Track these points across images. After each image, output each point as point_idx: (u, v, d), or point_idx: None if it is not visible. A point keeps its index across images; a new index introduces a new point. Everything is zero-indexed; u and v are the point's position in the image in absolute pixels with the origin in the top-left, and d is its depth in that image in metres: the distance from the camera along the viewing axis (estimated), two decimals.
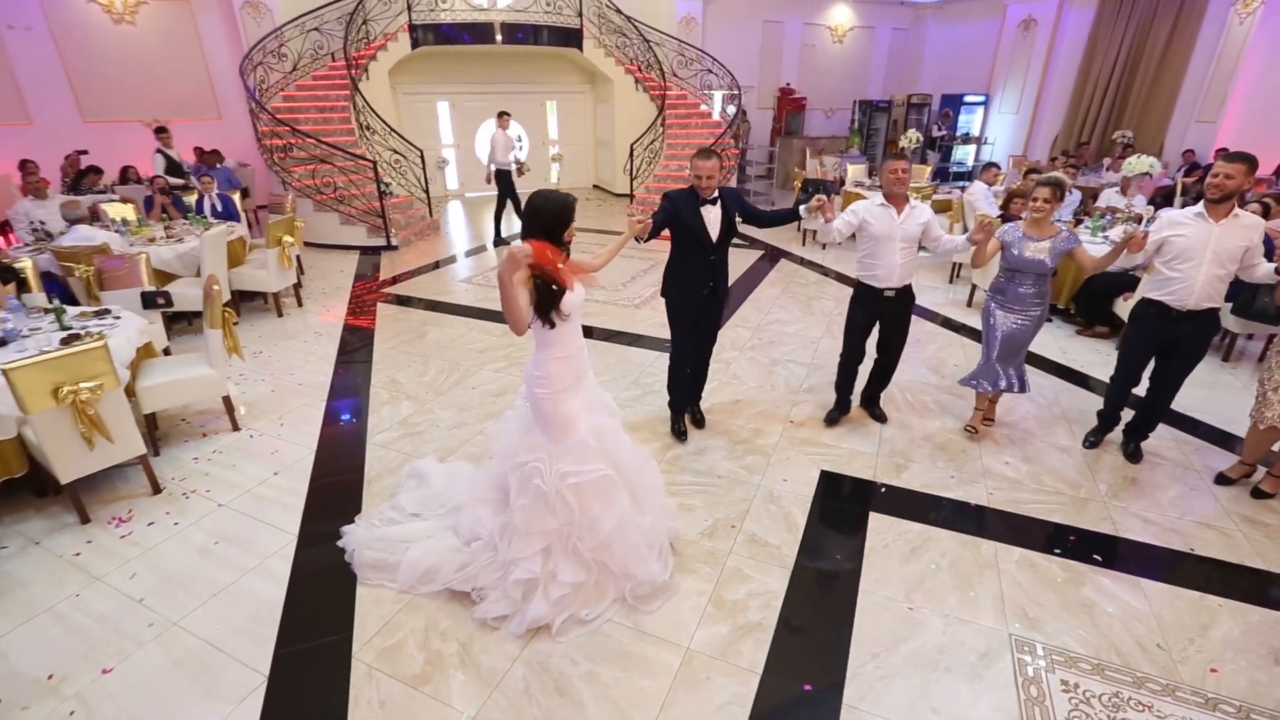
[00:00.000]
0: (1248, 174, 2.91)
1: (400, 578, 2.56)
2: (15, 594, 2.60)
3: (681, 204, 3.18)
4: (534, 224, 2.22)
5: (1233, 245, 2.98)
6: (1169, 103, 10.66)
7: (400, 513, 2.90)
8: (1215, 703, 2.14)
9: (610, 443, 2.46)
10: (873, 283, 3.49)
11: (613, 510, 2.40)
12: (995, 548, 2.87)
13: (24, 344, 3.23)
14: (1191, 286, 3.06)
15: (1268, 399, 3.11)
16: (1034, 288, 3.41)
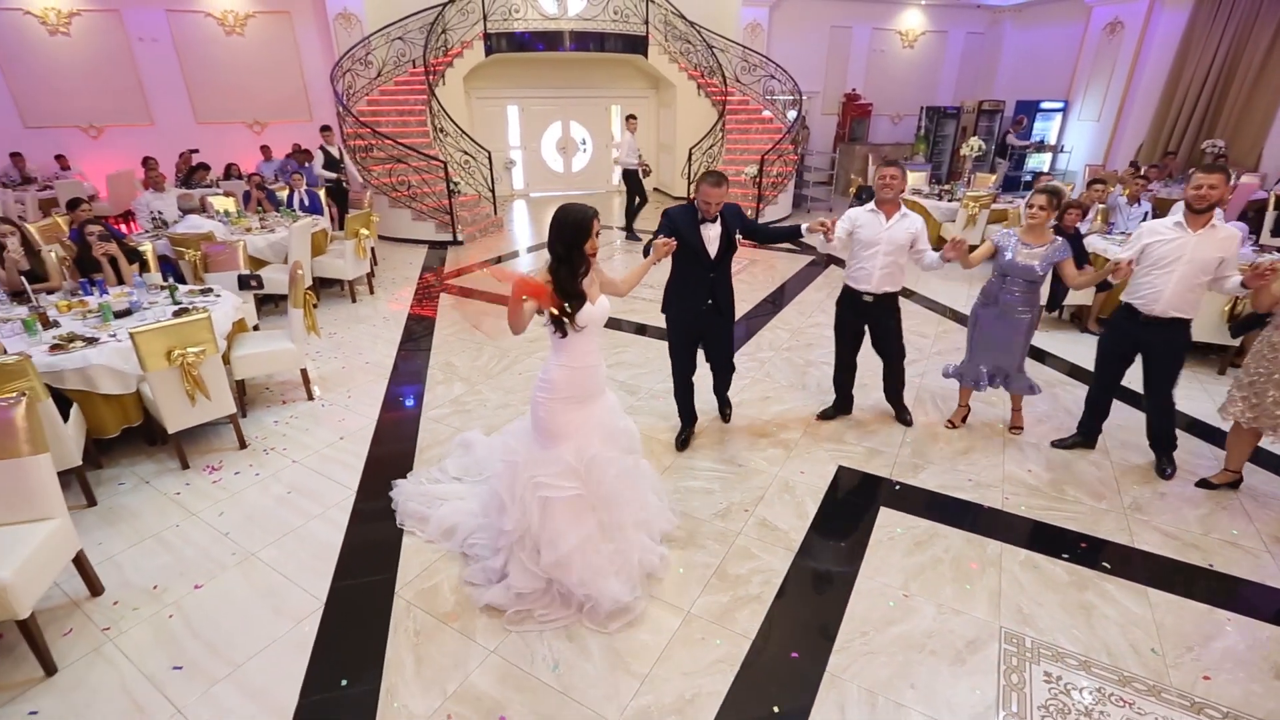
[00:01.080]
0: (1227, 185, 2.95)
1: (429, 530, 2.92)
2: (129, 521, 3.10)
3: (681, 221, 3.19)
4: (557, 235, 2.30)
5: (1208, 256, 3.00)
6: (1269, 112, 9.94)
7: (445, 475, 3.27)
8: (1201, 707, 2.18)
9: (596, 474, 2.44)
10: (854, 285, 3.59)
11: (578, 530, 2.42)
12: (1001, 548, 2.94)
13: (144, 315, 3.80)
14: (1161, 292, 3.11)
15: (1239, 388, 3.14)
16: (1022, 293, 3.45)
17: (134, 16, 10.02)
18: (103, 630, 2.47)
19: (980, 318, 3.66)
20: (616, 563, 2.51)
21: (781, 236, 3.54)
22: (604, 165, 13.29)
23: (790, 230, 3.47)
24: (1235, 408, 3.14)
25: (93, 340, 3.40)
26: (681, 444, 3.70)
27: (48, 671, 2.27)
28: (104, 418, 3.42)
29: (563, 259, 2.29)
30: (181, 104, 10.74)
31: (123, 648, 2.39)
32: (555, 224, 2.30)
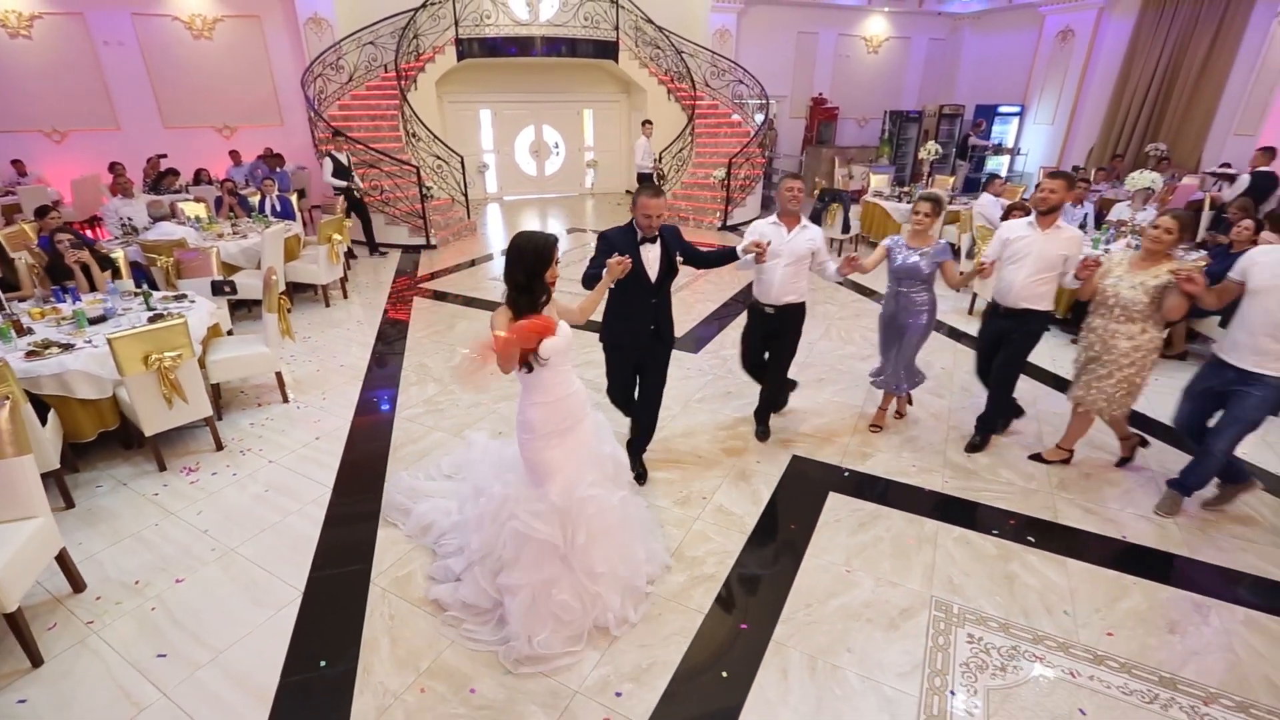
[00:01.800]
0: (1067, 189, 3.30)
1: (408, 524, 3.05)
2: (108, 521, 3.20)
3: (619, 243, 2.95)
4: (515, 266, 2.22)
5: (1053, 254, 3.33)
6: (1208, 115, 10.50)
7: (438, 471, 3.40)
8: (1102, 659, 2.43)
9: (576, 515, 2.39)
10: (757, 296, 3.63)
11: (536, 573, 2.37)
12: (938, 527, 3.18)
13: (119, 321, 3.88)
14: (1012, 285, 3.43)
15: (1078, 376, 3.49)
16: (918, 295, 3.66)
17: (98, 20, 9.92)
18: (87, 624, 2.58)
19: (883, 323, 3.86)
20: (568, 614, 2.39)
21: (719, 261, 3.40)
22: (577, 169, 13.46)
23: (726, 253, 3.38)
24: (1074, 392, 3.51)
25: (69, 346, 3.49)
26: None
27: (34, 663, 2.38)
28: (81, 422, 3.50)
29: (523, 288, 2.24)
30: (148, 108, 10.65)
31: (107, 639, 2.51)
32: (515, 252, 2.23)
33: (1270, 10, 9.43)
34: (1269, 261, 2.84)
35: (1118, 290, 3.19)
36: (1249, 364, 2.91)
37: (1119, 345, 3.22)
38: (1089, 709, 2.24)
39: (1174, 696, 2.29)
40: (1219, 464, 3.14)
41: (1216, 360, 3.07)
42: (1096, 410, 3.41)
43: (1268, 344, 2.84)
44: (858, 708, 2.23)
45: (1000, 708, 2.24)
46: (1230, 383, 3.00)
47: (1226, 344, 3.02)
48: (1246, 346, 2.91)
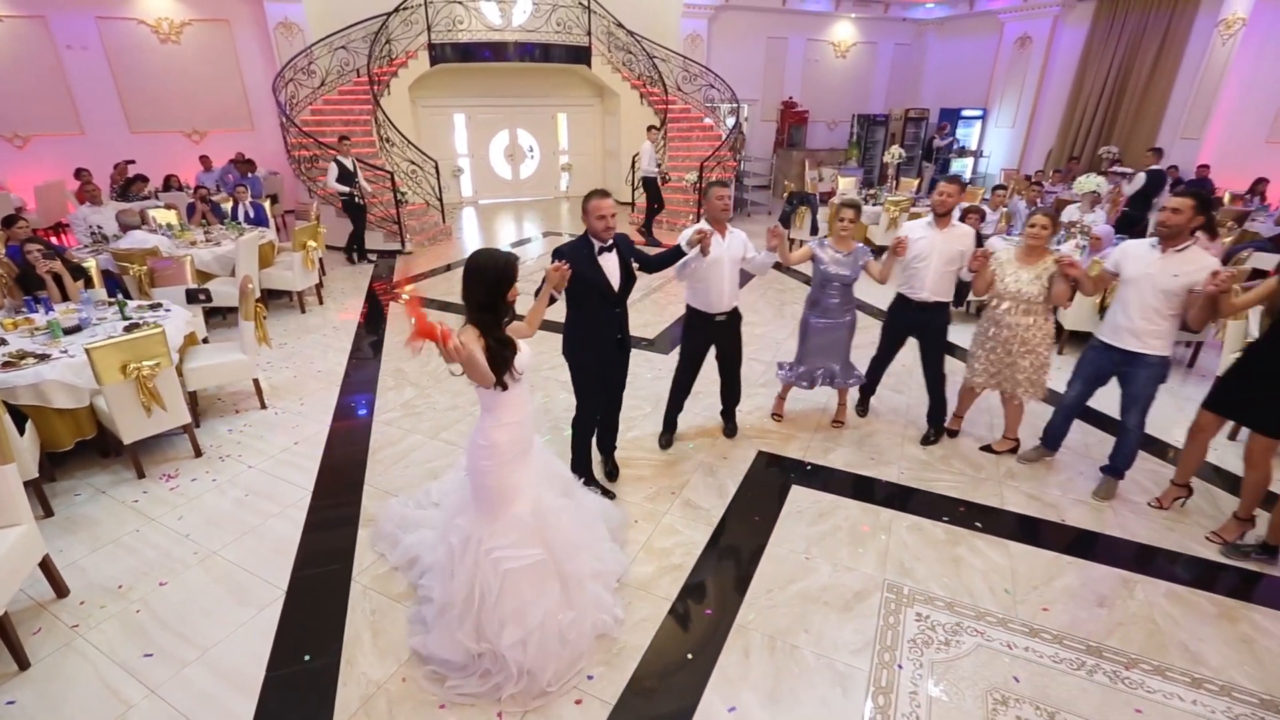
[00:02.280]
0: (960, 193, 3.67)
1: (395, 555, 2.95)
2: (89, 529, 3.25)
3: (576, 257, 2.88)
4: (476, 286, 2.17)
5: (952, 250, 3.66)
6: (1156, 119, 10.99)
7: (428, 498, 3.26)
8: (1036, 632, 2.65)
9: (550, 523, 2.39)
10: (705, 308, 3.64)
11: (543, 601, 2.32)
12: (892, 515, 3.39)
13: (94, 330, 3.92)
14: (925, 281, 3.74)
15: (972, 363, 3.84)
16: (840, 297, 3.85)
17: (61, 23, 9.76)
18: (71, 628, 2.65)
19: (810, 325, 3.96)
20: (571, 634, 2.38)
21: (668, 260, 3.36)
22: (552, 172, 13.55)
23: (673, 251, 3.35)
24: (974, 375, 3.84)
25: (45, 357, 3.52)
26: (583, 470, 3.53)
27: (21, 666, 2.44)
28: (58, 431, 3.54)
29: (486, 307, 2.20)
30: (114, 112, 10.49)
31: (93, 641, 2.58)
32: (475, 273, 2.18)
33: (1210, 21, 9.91)
34: (1138, 254, 3.19)
35: (1019, 286, 3.52)
36: (1130, 345, 3.23)
37: (1031, 335, 3.56)
38: (1022, 677, 2.44)
39: (1099, 663, 2.51)
40: (1139, 440, 3.45)
41: (1100, 344, 3.39)
42: (1024, 394, 3.71)
43: (1144, 326, 3.17)
44: (813, 683, 2.41)
45: (943, 678, 2.43)
46: (1118, 365, 3.33)
47: (1107, 329, 3.35)
48: (1126, 330, 3.23)
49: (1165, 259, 3.09)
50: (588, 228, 3.03)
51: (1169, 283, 3.07)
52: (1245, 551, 3.07)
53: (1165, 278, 3.08)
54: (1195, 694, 2.39)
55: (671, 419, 4.02)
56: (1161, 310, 3.12)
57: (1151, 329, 3.17)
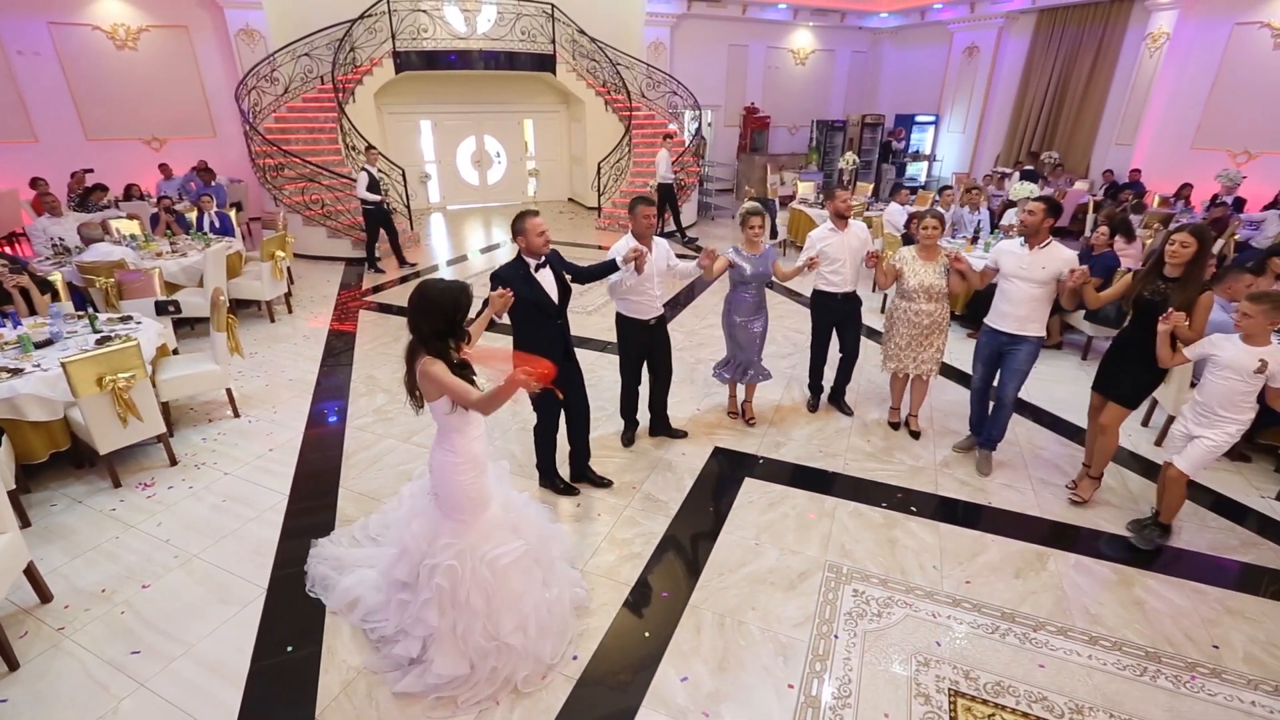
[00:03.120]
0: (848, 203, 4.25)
1: (333, 599, 2.84)
2: (68, 537, 3.35)
3: (512, 278, 3.05)
4: (428, 318, 2.19)
5: (856, 246, 4.24)
6: (1093, 126, 11.64)
7: (365, 533, 3.17)
8: (959, 602, 2.95)
9: (519, 516, 2.54)
10: (635, 315, 3.81)
11: (531, 588, 2.46)
12: (836, 503, 3.68)
13: (66, 344, 3.99)
14: (846, 277, 4.26)
15: (888, 351, 4.28)
16: (755, 296, 4.15)
17: (11, 28, 9.58)
18: (57, 630, 2.77)
19: (734, 324, 4.21)
20: (557, 608, 2.57)
21: (602, 272, 3.55)
22: (519, 177, 13.69)
23: (607, 264, 3.54)
24: (893, 362, 4.28)
25: (18, 371, 3.60)
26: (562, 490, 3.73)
27: (10, 667, 2.56)
28: (32, 444, 3.62)
29: (445, 334, 2.23)
30: (68, 119, 10.31)
31: (80, 642, 2.70)
32: (429, 305, 2.21)
33: (1139, 35, 10.57)
34: (1011, 251, 3.73)
35: (926, 279, 3.99)
36: (1011, 328, 3.74)
37: (936, 321, 4.08)
38: (944, 641, 2.74)
39: (1011, 627, 2.82)
40: (1010, 412, 3.93)
41: (989, 329, 3.89)
42: (927, 373, 4.23)
43: (1022, 311, 3.68)
44: (757, 653, 2.67)
45: (873, 645, 2.71)
46: (1004, 345, 3.81)
47: (994, 316, 3.85)
48: (1009, 316, 3.74)
49: (1033, 255, 3.61)
50: (525, 246, 3.13)
51: (1038, 274, 3.58)
52: (1144, 525, 3.44)
53: (1035, 270, 3.59)
54: (1091, 649, 2.72)
55: (630, 419, 4.27)
56: (1034, 298, 3.63)
57: (1027, 314, 3.68)
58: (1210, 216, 8.20)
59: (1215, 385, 3.09)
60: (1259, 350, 2.98)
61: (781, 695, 2.49)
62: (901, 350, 4.20)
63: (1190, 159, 10.18)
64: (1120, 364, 3.52)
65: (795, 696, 2.48)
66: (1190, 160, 10.16)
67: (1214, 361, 3.11)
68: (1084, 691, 2.52)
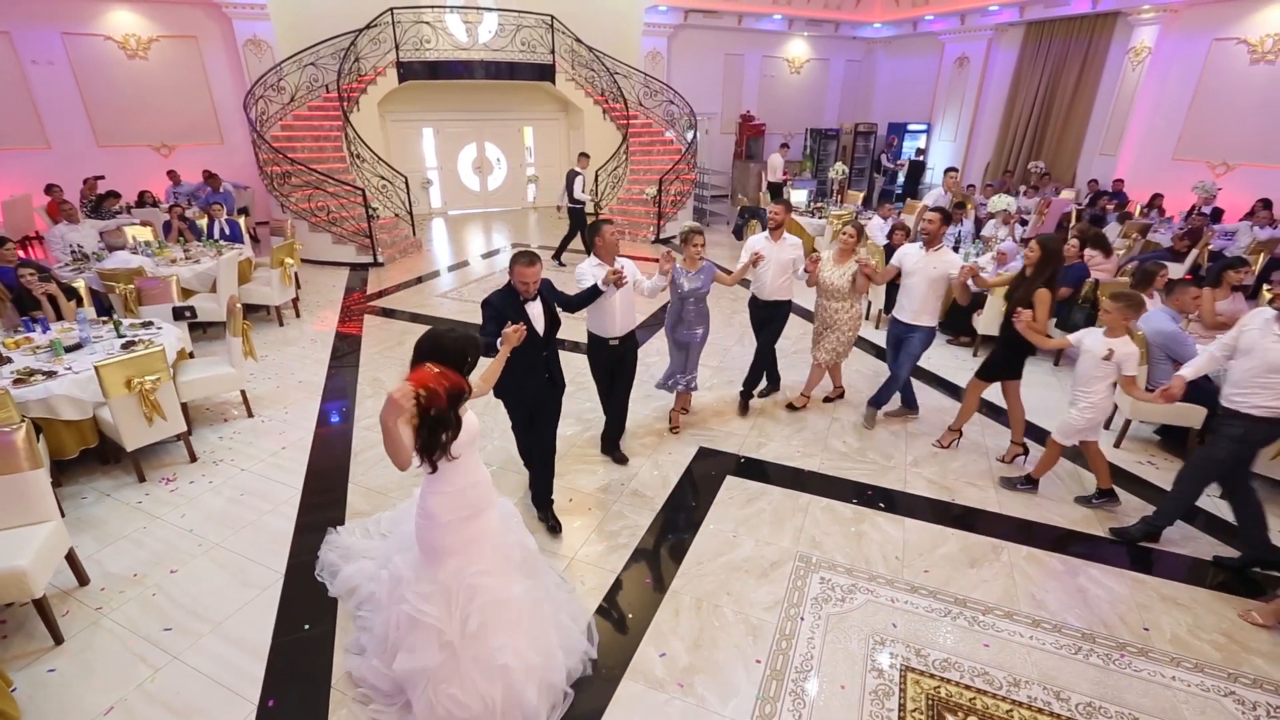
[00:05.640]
0: (786, 213, 4.63)
1: (335, 585, 3.08)
2: (99, 527, 3.63)
3: (505, 306, 3.15)
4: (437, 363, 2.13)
5: (784, 258, 4.56)
6: (1079, 137, 11.92)
7: (377, 528, 3.39)
8: (916, 589, 3.24)
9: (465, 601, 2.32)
10: (602, 333, 3.90)
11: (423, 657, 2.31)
12: (810, 499, 3.96)
13: (94, 348, 4.27)
14: (765, 284, 4.63)
15: (820, 344, 4.78)
16: (696, 310, 4.34)
17: (26, 39, 9.88)
18: (95, 609, 3.05)
19: (676, 336, 4.44)
20: (462, 712, 2.28)
21: (587, 299, 3.65)
22: (519, 183, 13.98)
23: (591, 291, 3.63)
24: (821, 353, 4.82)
25: (52, 373, 3.88)
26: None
27: (56, 641, 2.84)
28: (64, 441, 3.90)
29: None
30: (80, 127, 10.61)
31: (117, 620, 2.99)
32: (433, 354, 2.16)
33: (1122, 48, 10.86)
34: (912, 254, 4.37)
35: (830, 280, 4.55)
36: (909, 318, 4.43)
37: (840, 316, 4.63)
38: (900, 623, 3.02)
39: (962, 611, 3.10)
40: (898, 385, 4.70)
41: (893, 320, 4.58)
42: (831, 362, 4.81)
43: (917, 305, 4.36)
44: (730, 633, 2.95)
45: (835, 626, 3.00)
46: (904, 332, 4.50)
47: (897, 309, 4.51)
48: (908, 309, 4.42)
49: (929, 256, 4.28)
50: (513, 282, 3.21)
51: (933, 273, 4.26)
52: (1014, 484, 4.08)
53: (930, 270, 4.26)
54: (1033, 631, 3.00)
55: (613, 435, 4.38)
56: (930, 293, 4.31)
57: (920, 307, 4.37)
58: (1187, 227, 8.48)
59: (1079, 369, 3.69)
60: (1111, 341, 3.50)
61: (749, 669, 2.77)
62: (816, 340, 4.82)
63: (1172, 169, 10.46)
64: (1006, 348, 4.17)
65: (761, 670, 2.76)
66: (1172, 171, 10.44)
67: (1081, 349, 3.68)
68: (1023, 667, 2.80)
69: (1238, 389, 3.17)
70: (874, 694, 2.66)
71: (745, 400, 5.02)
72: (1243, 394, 3.15)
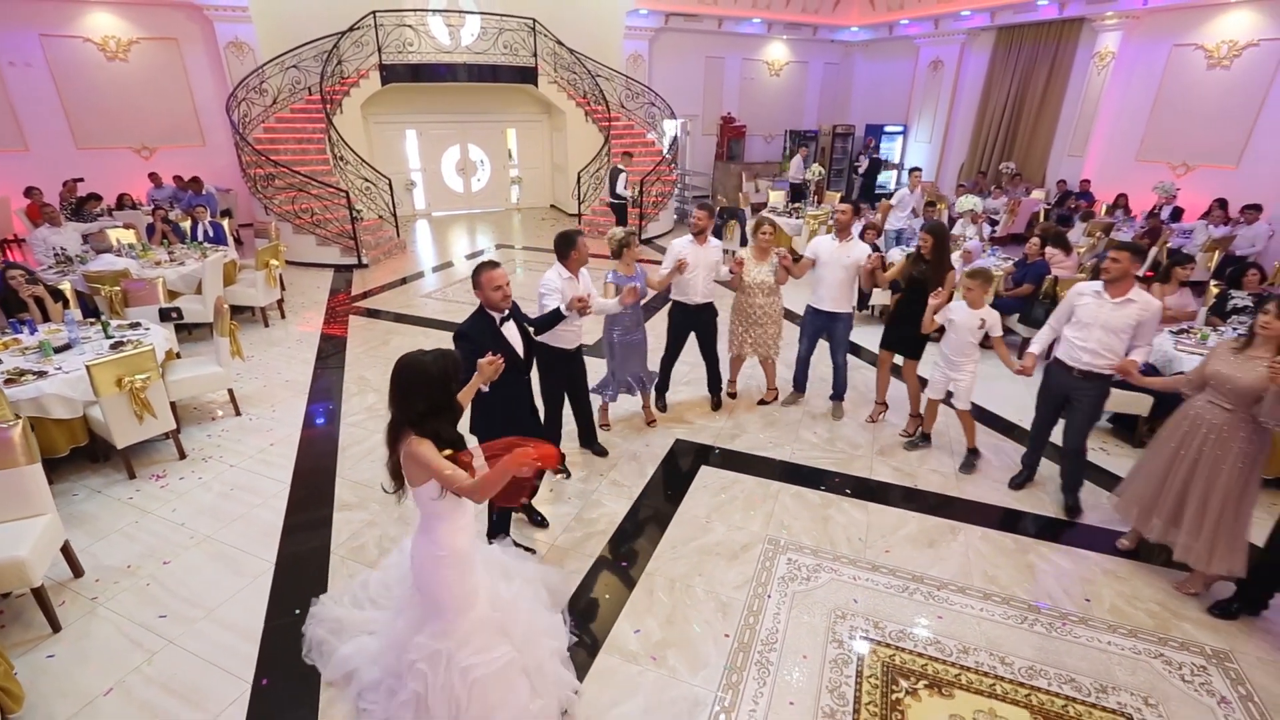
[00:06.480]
0: (709, 219, 4.65)
1: (330, 668, 2.66)
2: (92, 522, 3.74)
3: (481, 334, 2.94)
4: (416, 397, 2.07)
5: (710, 260, 4.68)
6: (1048, 138, 12.28)
7: (365, 594, 2.95)
8: (877, 568, 3.44)
9: (508, 614, 2.36)
10: (557, 344, 3.88)
11: (511, 701, 2.28)
12: (780, 486, 4.16)
13: (82, 348, 4.36)
14: (697, 287, 4.69)
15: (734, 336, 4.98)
16: (634, 312, 4.38)
17: (3, 40, 9.87)
18: (91, 599, 3.16)
19: (616, 343, 4.49)
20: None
21: (549, 323, 3.55)
22: (502, 185, 14.09)
23: (554, 314, 3.56)
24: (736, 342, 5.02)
25: (43, 373, 3.97)
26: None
27: (55, 628, 2.95)
28: (55, 439, 3.99)
29: (434, 412, 2.11)
30: (59, 129, 10.57)
31: (113, 609, 3.10)
32: (412, 384, 2.09)
33: (1088, 53, 11.21)
34: (825, 246, 4.64)
35: (759, 277, 4.76)
36: (830, 307, 4.72)
37: (769, 311, 4.86)
38: (860, 598, 3.23)
39: (919, 587, 3.31)
40: (845, 372, 4.97)
41: (811, 310, 4.84)
42: (766, 355, 4.99)
43: (835, 293, 4.65)
44: (701, 610, 3.14)
45: (800, 602, 3.19)
46: (825, 323, 4.80)
47: (815, 298, 4.79)
48: (827, 298, 4.70)
49: (841, 248, 4.58)
50: (483, 301, 3.00)
51: (845, 262, 4.55)
52: (914, 444, 4.56)
53: (842, 258, 4.56)
54: (984, 603, 3.21)
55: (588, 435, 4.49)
56: (841, 281, 4.61)
57: (839, 295, 4.66)
58: (1147, 226, 8.83)
59: (954, 340, 4.14)
60: (978, 312, 4.05)
61: (718, 643, 2.95)
62: (739, 335, 4.96)
63: (1136, 170, 10.82)
64: (902, 326, 4.53)
65: (730, 643, 2.95)
66: (1136, 171, 10.80)
67: (951, 324, 4.13)
68: (972, 636, 3.01)
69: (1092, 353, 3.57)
70: (834, 662, 2.85)
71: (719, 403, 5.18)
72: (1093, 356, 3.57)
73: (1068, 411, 3.80)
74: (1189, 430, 3.14)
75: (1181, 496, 3.16)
